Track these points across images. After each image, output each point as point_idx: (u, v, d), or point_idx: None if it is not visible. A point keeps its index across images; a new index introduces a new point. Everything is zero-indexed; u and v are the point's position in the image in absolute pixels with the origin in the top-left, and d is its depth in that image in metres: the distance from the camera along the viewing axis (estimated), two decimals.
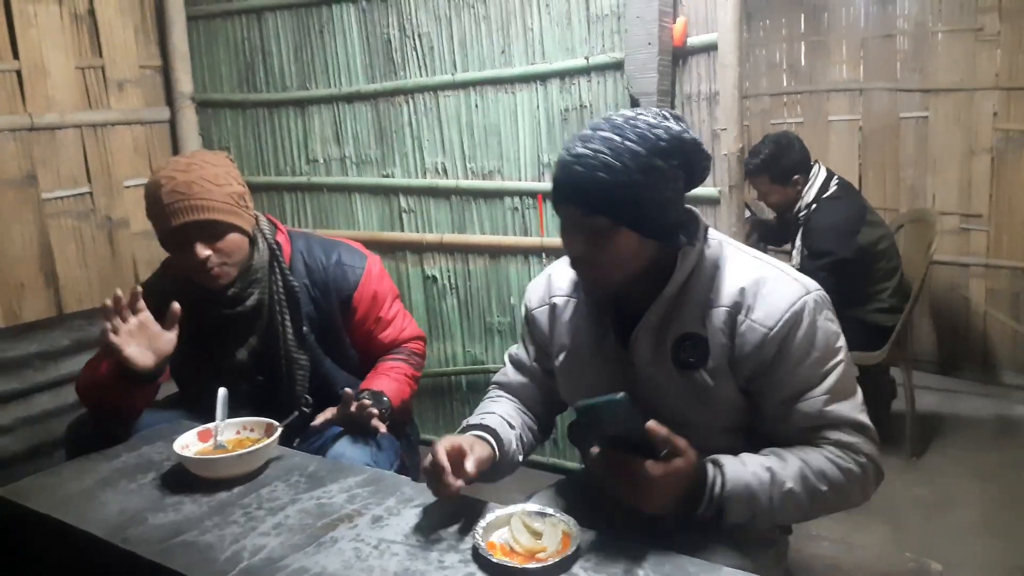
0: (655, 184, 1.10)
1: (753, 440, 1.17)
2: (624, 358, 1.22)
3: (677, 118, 1.15)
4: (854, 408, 1.14)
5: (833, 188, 2.80)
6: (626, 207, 1.10)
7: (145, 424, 1.63)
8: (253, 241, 1.64)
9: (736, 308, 1.14)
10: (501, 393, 1.45)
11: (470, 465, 1.16)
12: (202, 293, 1.62)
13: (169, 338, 1.51)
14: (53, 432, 2.32)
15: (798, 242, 2.82)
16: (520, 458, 1.34)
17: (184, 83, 2.74)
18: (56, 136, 2.40)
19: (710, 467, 1.06)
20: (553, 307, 1.34)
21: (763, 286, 1.14)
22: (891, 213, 3.57)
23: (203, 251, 1.53)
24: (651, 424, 1.00)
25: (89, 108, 2.50)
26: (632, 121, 1.11)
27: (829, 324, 1.14)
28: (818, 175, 2.82)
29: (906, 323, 2.66)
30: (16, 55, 2.29)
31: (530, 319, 1.38)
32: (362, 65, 2.55)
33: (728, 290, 1.15)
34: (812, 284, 1.17)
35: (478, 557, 1.07)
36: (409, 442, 1.82)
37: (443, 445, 1.16)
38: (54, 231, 2.41)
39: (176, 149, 2.75)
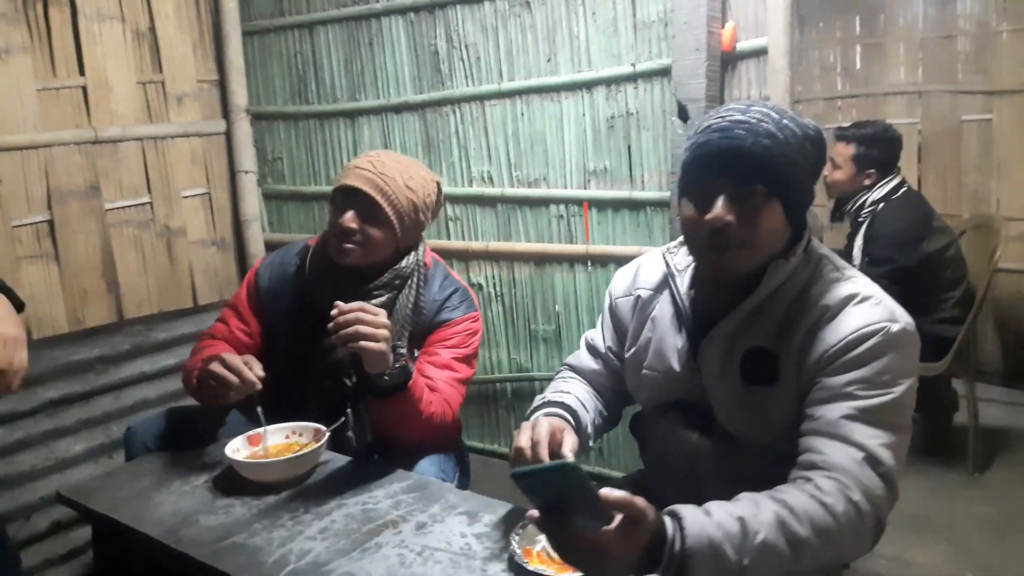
0: (804, 166, 1.09)
1: None
2: (693, 364, 1.21)
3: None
4: (878, 439, 1.01)
5: (901, 192, 2.71)
6: (784, 178, 1.07)
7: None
8: (405, 253, 1.66)
9: (814, 328, 1.09)
10: (574, 375, 1.44)
11: (567, 448, 1.15)
12: (341, 276, 1.61)
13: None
14: (112, 433, 2.41)
15: (859, 241, 2.73)
16: (592, 443, 1.34)
17: (239, 96, 2.82)
18: (118, 148, 2.50)
19: (669, 522, 0.93)
20: (637, 299, 1.32)
21: (850, 307, 1.08)
22: (953, 219, 3.44)
23: (351, 221, 1.58)
24: (604, 491, 0.88)
25: (150, 121, 2.58)
26: (779, 107, 1.11)
27: (900, 360, 1.05)
28: (894, 179, 2.73)
29: (968, 333, 2.56)
30: (82, 72, 2.39)
31: (612, 307, 1.38)
32: (410, 76, 2.59)
33: (812, 310, 1.10)
34: (905, 318, 1.08)
35: (514, 565, 1.07)
36: (463, 459, 1.80)
37: (542, 426, 1.14)
38: (116, 240, 2.50)
39: (231, 160, 2.83)
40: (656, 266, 1.32)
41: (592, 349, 1.43)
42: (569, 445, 1.16)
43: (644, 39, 2.16)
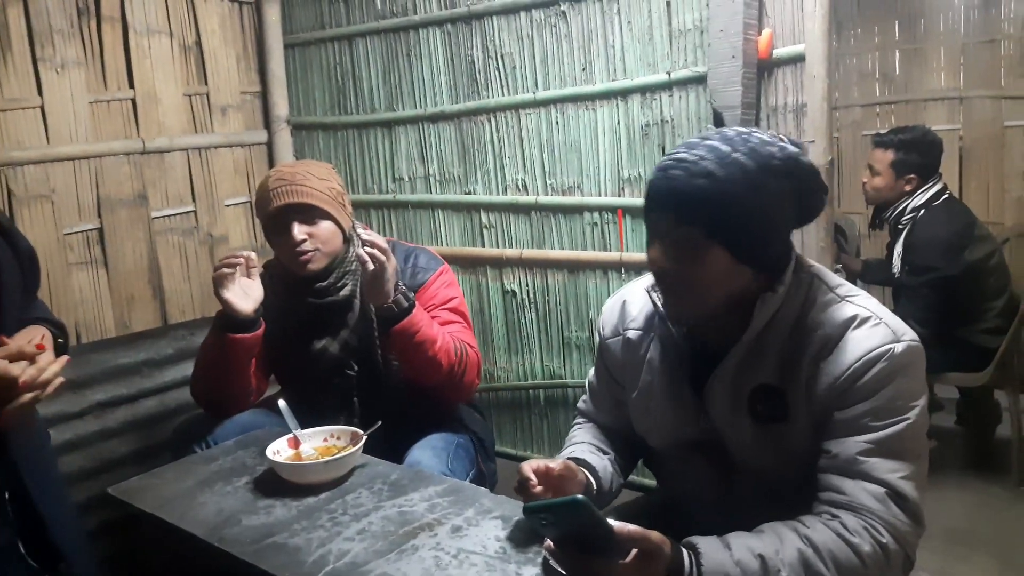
0: (761, 204, 1.02)
1: None
2: (699, 404, 1.18)
3: (794, 143, 1.08)
4: (898, 472, 0.99)
5: (943, 199, 2.66)
6: (724, 221, 1.01)
7: (251, 424, 1.74)
8: (348, 239, 1.77)
9: (816, 358, 1.06)
10: (585, 422, 1.43)
11: (554, 464, 1.17)
12: (298, 288, 1.76)
13: (256, 284, 1.70)
14: (157, 435, 2.47)
15: (899, 248, 2.68)
16: (621, 479, 1.34)
17: (281, 107, 2.88)
18: (165, 159, 2.57)
19: (686, 556, 0.92)
20: (627, 341, 1.28)
21: (849, 333, 1.04)
22: (996, 227, 3.38)
23: (299, 232, 1.69)
24: (618, 526, 0.89)
25: (195, 132, 2.66)
26: (744, 136, 1.05)
27: (909, 382, 1.02)
28: (935, 184, 2.68)
29: (1012, 343, 2.50)
30: (132, 84, 2.47)
31: (603, 348, 1.34)
32: (446, 86, 2.62)
33: (812, 339, 1.06)
34: (907, 334, 1.04)
35: (548, 568, 1.08)
36: (484, 449, 1.85)
37: (528, 464, 1.18)
38: (161, 247, 2.58)
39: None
40: (642, 304, 1.27)
41: (593, 392, 1.41)
42: (555, 463, 1.18)
43: (679, 47, 2.17)
